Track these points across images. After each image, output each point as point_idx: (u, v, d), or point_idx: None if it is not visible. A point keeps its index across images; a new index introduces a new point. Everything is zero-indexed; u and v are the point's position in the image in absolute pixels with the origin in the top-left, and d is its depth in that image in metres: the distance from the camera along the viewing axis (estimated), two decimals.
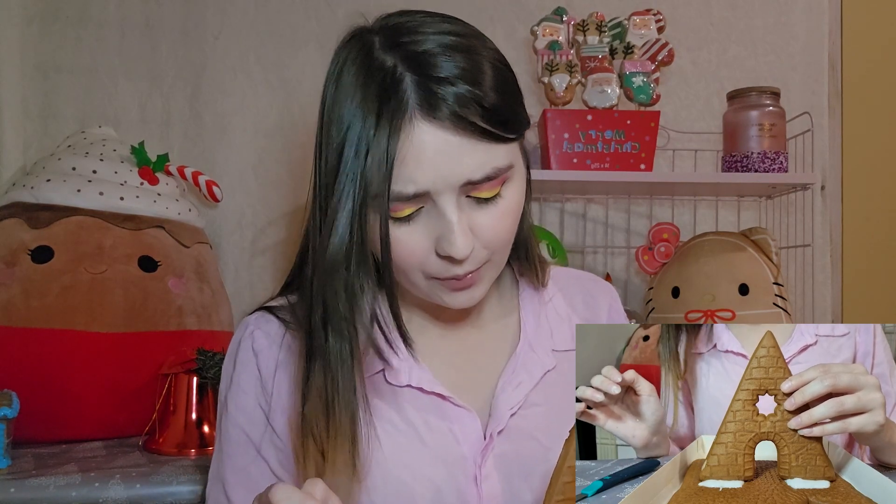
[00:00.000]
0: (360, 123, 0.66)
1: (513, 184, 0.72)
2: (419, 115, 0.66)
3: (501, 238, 0.73)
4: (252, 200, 1.70)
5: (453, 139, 0.66)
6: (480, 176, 0.68)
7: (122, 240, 1.36)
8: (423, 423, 0.76)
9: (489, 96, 0.67)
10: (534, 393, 0.79)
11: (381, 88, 0.66)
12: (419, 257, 0.70)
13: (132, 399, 1.30)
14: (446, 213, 0.68)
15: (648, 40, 1.50)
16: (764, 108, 1.48)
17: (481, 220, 0.70)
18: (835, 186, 1.82)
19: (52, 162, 1.44)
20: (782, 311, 1.46)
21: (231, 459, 0.80)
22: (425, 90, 0.66)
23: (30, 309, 1.27)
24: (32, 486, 1.08)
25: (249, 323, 0.82)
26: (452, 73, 0.66)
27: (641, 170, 1.47)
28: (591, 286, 0.91)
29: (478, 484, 0.75)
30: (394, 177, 0.65)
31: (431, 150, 0.66)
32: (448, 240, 0.68)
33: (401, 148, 0.65)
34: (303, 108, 1.71)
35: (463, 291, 0.74)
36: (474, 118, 0.66)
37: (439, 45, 0.67)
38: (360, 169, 0.66)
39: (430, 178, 0.67)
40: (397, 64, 0.67)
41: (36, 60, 1.65)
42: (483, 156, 0.68)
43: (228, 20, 1.70)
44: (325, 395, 0.70)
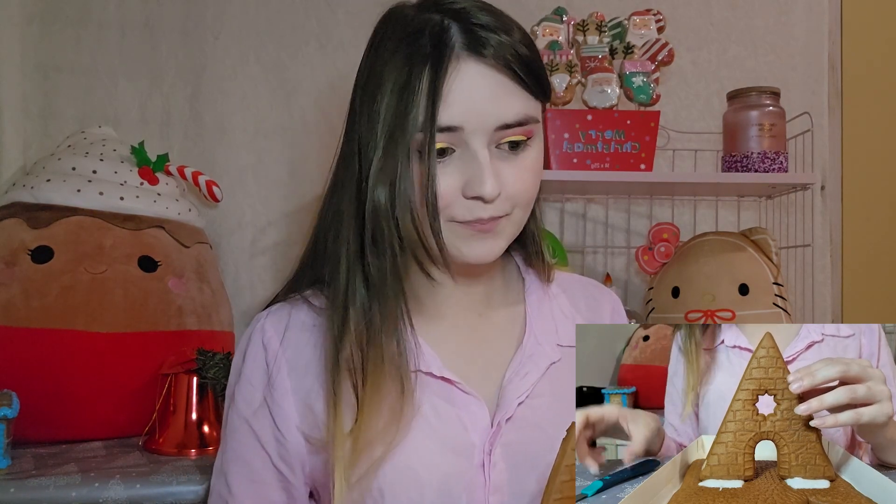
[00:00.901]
0: (406, 67, 0.71)
1: (535, 143, 0.76)
2: (465, 53, 0.71)
3: (524, 192, 0.76)
4: (252, 200, 1.70)
5: (496, 77, 0.71)
6: (514, 119, 0.73)
7: (122, 240, 1.36)
8: (432, 409, 0.77)
9: (522, 49, 0.73)
10: (540, 384, 0.81)
11: (428, 36, 0.71)
12: (447, 199, 0.73)
13: (132, 399, 1.30)
14: (478, 155, 0.72)
15: (648, 40, 1.50)
16: (764, 108, 1.48)
17: (507, 171, 0.74)
18: (835, 186, 1.82)
19: (52, 162, 1.44)
20: (782, 311, 1.46)
21: (234, 451, 0.82)
22: (471, 34, 0.71)
23: (30, 309, 1.27)
24: (32, 486, 1.08)
25: (261, 317, 0.84)
26: (492, 24, 0.72)
27: (641, 170, 1.47)
28: (594, 291, 0.93)
29: (485, 471, 0.76)
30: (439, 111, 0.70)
31: (474, 85, 0.71)
32: (479, 179, 0.71)
33: (448, 81, 0.70)
34: (303, 108, 1.71)
35: (483, 240, 0.75)
36: (513, 64, 0.72)
37: (477, 7, 0.74)
38: (404, 107, 0.70)
39: (468, 114, 0.71)
40: (441, 16, 0.73)
41: (36, 60, 1.65)
42: (518, 100, 0.73)
43: (228, 20, 1.70)
44: (365, 324, 0.74)
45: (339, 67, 1.70)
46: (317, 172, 1.70)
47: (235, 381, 0.84)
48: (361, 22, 1.71)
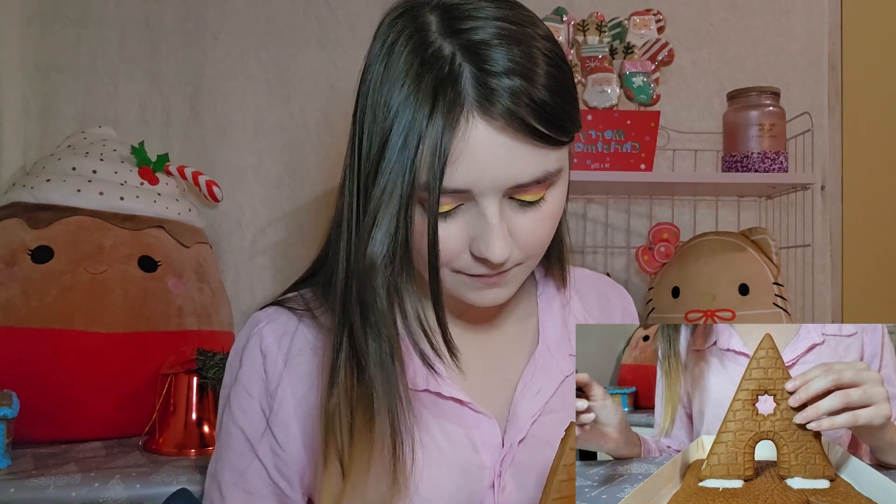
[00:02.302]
0: (412, 112, 0.62)
1: (557, 188, 0.69)
2: (476, 111, 0.62)
3: (539, 242, 0.70)
4: (252, 200, 1.70)
5: (507, 141, 0.63)
6: (528, 179, 0.65)
7: (122, 240, 1.36)
8: (440, 430, 0.74)
9: (542, 93, 0.63)
10: (553, 400, 0.77)
11: (437, 78, 0.62)
12: (452, 255, 0.67)
13: (132, 399, 1.30)
14: (487, 215, 0.65)
15: (648, 40, 1.50)
16: (764, 108, 1.48)
17: (521, 223, 0.67)
18: (835, 186, 1.82)
19: (52, 162, 1.44)
20: (782, 311, 1.46)
21: (228, 459, 0.78)
22: (483, 85, 0.62)
23: (30, 309, 1.27)
24: (32, 486, 1.08)
25: (260, 319, 0.78)
26: (507, 67, 0.62)
27: (641, 170, 1.47)
28: (605, 289, 0.89)
29: (495, 493, 0.73)
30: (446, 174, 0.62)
31: (484, 150, 0.63)
32: (486, 242, 0.65)
33: (456, 143, 0.62)
34: (303, 108, 1.71)
35: (490, 290, 0.70)
36: (527, 116, 0.63)
37: (496, 35, 0.64)
38: (409, 160, 0.62)
39: (478, 178, 0.64)
40: (456, 53, 0.63)
41: (36, 60, 1.66)
42: (534, 160, 0.65)
43: (228, 20, 1.70)
44: (355, 395, 0.67)
45: (339, 67, 1.70)
46: (317, 172, 1.70)
47: (231, 384, 0.79)
48: (361, 22, 1.71)
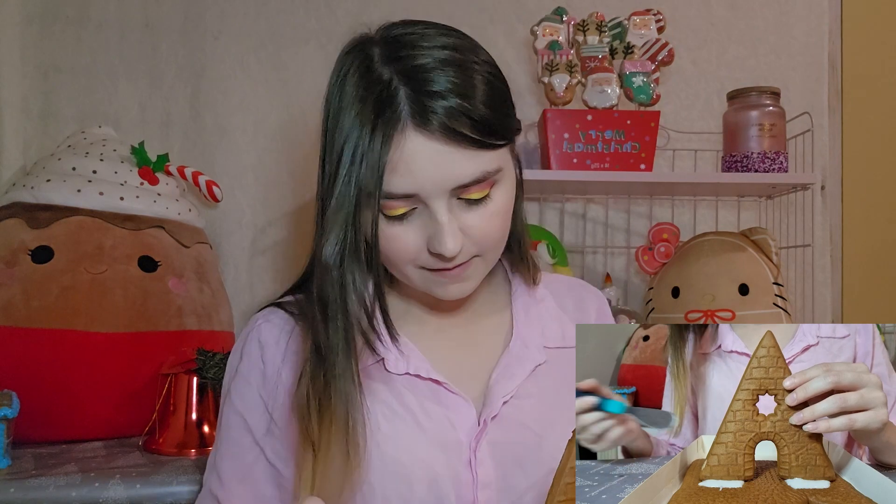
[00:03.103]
0: (358, 133, 0.72)
1: (502, 186, 0.76)
2: (411, 125, 0.71)
3: (490, 237, 0.77)
4: (252, 200, 1.70)
5: (443, 148, 0.71)
6: (469, 180, 0.73)
7: (122, 240, 1.36)
8: (421, 409, 0.80)
9: (479, 109, 0.71)
10: (526, 384, 0.83)
11: (377, 101, 0.71)
12: (412, 253, 0.76)
13: (132, 399, 1.30)
14: (437, 216, 0.73)
15: (648, 40, 1.51)
16: (764, 108, 1.48)
17: (471, 220, 0.75)
18: (835, 186, 1.82)
19: (52, 162, 1.44)
20: (782, 311, 1.46)
21: (227, 447, 0.83)
22: (417, 103, 0.70)
23: (30, 309, 1.27)
24: (32, 486, 1.08)
25: (259, 318, 0.86)
26: (445, 88, 0.71)
27: (641, 170, 1.47)
28: (580, 291, 0.95)
29: (472, 468, 0.78)
30: (386, 181, 0.71)
31: (422, 159, 0.71)
32: (438, 239, 0.73)
33: (392, 156, 0.71)
34: (303, 108, 1.71)
35: (454, 284, 0.78)
36: (464, 129, 0.71)
37: (435, 60, 0.72)
38: (355, 174, 0.71)
39: (420, 184, 0.72)
40: (393, 77, 0.72)
41: (36, 60, 1.65)
42: (472, 162, 0.72)
43: (228, 20, 1.70)
44: (320, 383, 0.73)
45: None
46: (317, 172, 1.69)
47: (231, 377, 0.85)
48: (361, 22, 1.70)
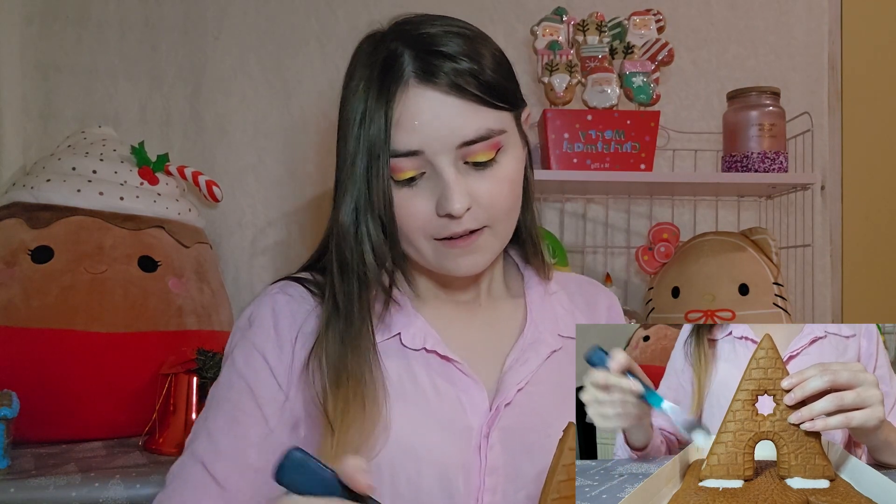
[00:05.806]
0: (365, 97, 0.74)
1: (508, 153, 0.77)
2: (414, 81, 0.73)
3: (500, 204, 0.77)
4: (252, 200, 1.70)
5: (448, 100, 0.73)
6: (474, 135, 0.73)
7: (122, 240, 1.36)
8: (433, 388, 0.78)
9: (486, 74, 0.74)
10: (540, 371, 0.82)
11: (382, 67, 0.74)
12: (421, 219, 0.75)
13: (132, 399, 1.30)
14: (443, 174, 0.73)
15: (648, 40, 1.50)
16: (764, 108, 1.48)
17: (479, 185, 0.75)
18: (835, 186, 1.82)
19: (52, 162, 1.44)
20: (782, 311, 1.46)
21: (224, 408, 0.78)
22: (423, 61, 0.73)
23: (30, 309, 1.27)
24: (32, 486, 1.08)
25: (276, 287, 0.83)
26: (453, 51, 0.73)
27: (641, 170, 1.47)
28: (591, 289, 0.94)
29: (481, 454, 0.77)
30: (392, 138, 0.73)
31: (427, 113, 0.72)
32: (446, 197, 0.73)
33: (397, 111, 0.72)
34: (303, 108, 1.71)
35: (465, 257, 0.77)
36: (470, 87, 0.73)
37: (443, 31, 0.75)
38: (364, 134, 0.73)
39: (425, 139, 0.73)
40: (399, 45, 0.75)
41: (36, 60, 1.66)
42: (476, 117, 0.73)
43: (228, 20, 1.70)
44: (336, 344, 0.75)
45: (339, 67, 1.69)
46: (317, 172, 1.70)
47: (237, 342, 0.81)
48: (361, 22, 1.70)
